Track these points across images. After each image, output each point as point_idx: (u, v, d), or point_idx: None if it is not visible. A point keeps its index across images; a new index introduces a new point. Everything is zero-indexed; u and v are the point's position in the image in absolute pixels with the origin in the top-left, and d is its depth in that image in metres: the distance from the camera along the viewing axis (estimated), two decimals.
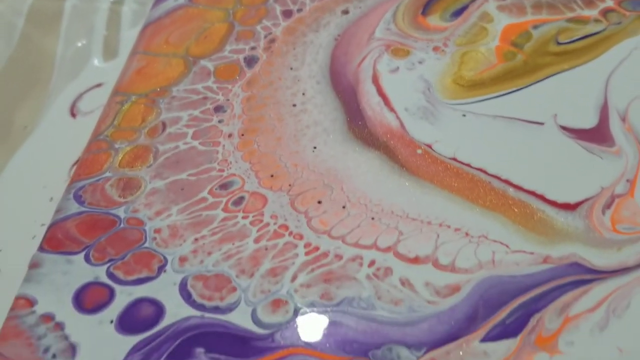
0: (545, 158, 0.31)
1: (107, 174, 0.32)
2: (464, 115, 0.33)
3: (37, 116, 0.43)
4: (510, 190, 0.30)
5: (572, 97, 0.34)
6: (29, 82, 0.45)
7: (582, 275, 0.27)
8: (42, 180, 0.39)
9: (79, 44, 0.47)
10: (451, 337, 0.26)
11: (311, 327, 0.26)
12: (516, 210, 0.29)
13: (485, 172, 0.31)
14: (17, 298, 0.28)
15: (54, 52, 0.47)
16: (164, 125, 0.34)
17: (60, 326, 0.27)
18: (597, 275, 0.27)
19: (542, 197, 0.30)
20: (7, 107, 0.43)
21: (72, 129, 0.42)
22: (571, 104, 0.33)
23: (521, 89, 0.34)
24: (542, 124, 0.33)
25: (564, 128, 0.32)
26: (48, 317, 0.27)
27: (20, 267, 0.35)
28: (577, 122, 0.32)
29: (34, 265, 0.29)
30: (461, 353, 0.25)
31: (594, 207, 0.29)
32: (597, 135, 0.32)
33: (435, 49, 0.36)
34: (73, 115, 0.42)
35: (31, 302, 0.28)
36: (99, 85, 0.44)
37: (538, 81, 0.34)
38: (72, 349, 0.26)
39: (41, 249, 0.30)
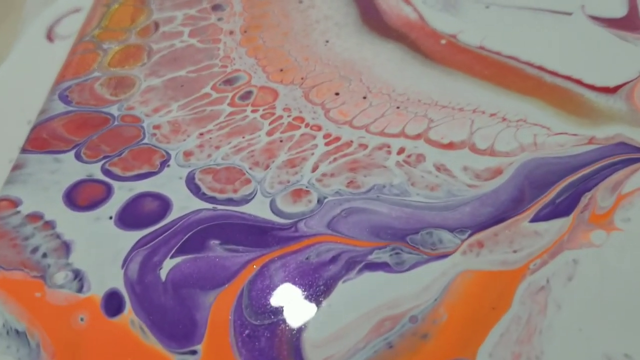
0: (578, 45, 0.29)
1: (96, 74, 0.28)
2: (487, 7, 0.30)
3: (11, 42, 0.39)
4: (546, 75, 0.27)
5: None
6: (1, 8, 0.41)
7: (630, 154, 0.24)
8: (19, 104, 0.35)
9: None
10: (497, 219, 0.23)
11: (339, 214, 0.23)
12: (554, 94, 0.27)
13: (517, 59, 0.28)
14: None
15: None
16: (157, 25, 0.30)
17: (50, 224, 0.23)
18: None
19: (579, 82, 0.27)
20: None
21: (50, 53, 0.38)
22: None
23: None
24: (570, 14, 0.30)
25: (593, 18, 0.30)
26: (35, 217, 0.24)
27: None
28: (606, 12, 0.30)
29: (16, 167, 0.25)
30: (510, 233, 0.22)
31: (635, 90, 0.27)
32: (628, 23, 0.30)
33: None
34: (50, 39, 0.38)
35: (15, 203, 0.24)
36: (76, 10, 0.40)
37: None
38: (66, 246, 0.23)
39: (24, 150, 0.26)
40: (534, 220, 0.23)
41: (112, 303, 0.21)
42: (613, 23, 0.30)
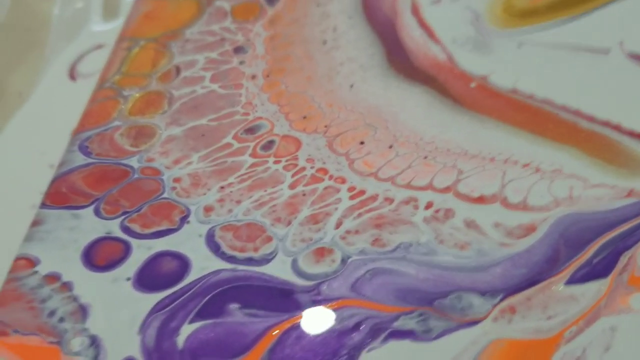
0: (616, 87, 0.27)
1: (116, 123, 0.28)
2: (520, 46, 0.29)
3: (33, 81, 0.39)
4: (582, 121, 0.26)
5: (637, 23, 0.29)
6: (23, 46, 0.41)
7: None
8: (41, 146, 0.35)
9: (77, 6, 0.43)
10: (530, 281, 0.22)
11: (363, 276, 0.22)
12: (591, 142, 0.25)
13: (551, 103, 0.27)
14: (17, 259, 0.24)
15: (49, 15, 0.43)
16: (178, 70, 0.29)
17: (67, 286, 0.23)
18: None
19: (617, 128, 0.26)
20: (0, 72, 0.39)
21: (72, 92, 0.38)
22: (637, 30, 0.29)
23: (579, 15, 0.30)
24: (607, 52, 0.28)
25: (632, 56, 0.28)
26: (53, 277, 0.23)
27: (19, 236, 0.31)
28: None
29: (35, 222, 0.25)
30: (544, 298, 0.21)
31: None
32: None
33: None
34: (72, 77, 0.38)
35: (33, 262, 0.24)
36: (99, 47, 0.40)
37: (597, 8, 0.30)
38: (83, 310, 0.22)
39: (43, 205, 0.25)
40: (570, 282, 0.22)
41: None
42: None
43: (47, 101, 0.36)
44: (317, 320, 0.22)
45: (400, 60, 0.29)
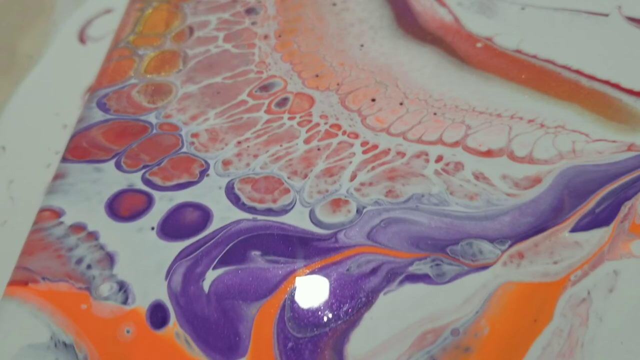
0: (615, 48, 0.28)
1: (133, 81, 0.29)
2: (523, 9, 0.30)
3: (43, 44, 0.39)
4: (583, 80, 0.27)
5: None
6: (31, 10, 0.41)
7: None
8: (54, 107, 0.36)
9: None
10: (537, 229, 0.23)
11: (378, 225, 0.23)
12: (592, 99, 0.26)
13: (553, 63, 0.28)
14: (41, 210, 0.25)
15: None
16: (192, 30, 0.30)
17: (93, 236, 0.24)
18: None
19: (617, 86, 0.27)
20: (9, 37, 0.39)
21: (83, 55, 0.39)
22: None
23: None
24: (606, 15, 0.29)
25: (630, 19, 0.29)
26: (79, 228, 0.24)
27: (35, 197, 0.32)
28: None
29: (58, 176, 0.26)
30: (550, 244, 0.22)
31: None
32: None
33: None
34: (82, 41, 0.39)
35: (58, 213, 0.24)
36: (108, 11, 0.40)
37: None
38: (110, 258, 0.23)
39: (65, 159, 0.26)
40: (574, 230, 0.23)
41: (157, 315, 0.22)
42: None
43: (57, 64, 0.37)
44: (335, 266, 0.23)
45: (408, 21, 0.30)
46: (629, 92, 0.27)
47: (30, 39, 0.41)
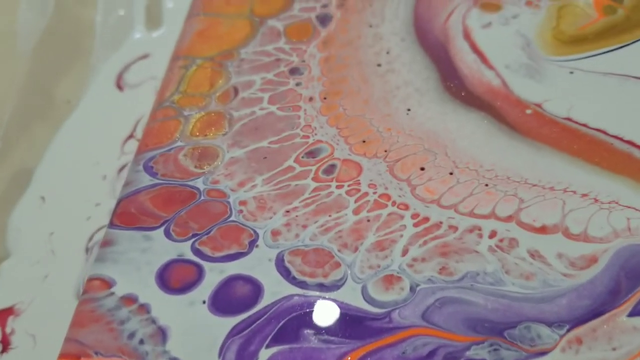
0: None
1: (179, 143, 0.28)
2: (572, 73, 0.29)
3: (81, 89, 0.39)
4: (636, 152, 0.27)
5: None
6: (68, 54, 0.41)
7: None
8: (93, 157, 0.36)
9: (120, 13, 0.43)
10: (594, 312, 0.23)
11: (433, 304, 0.23)
12: None
13: (605, 132, 0.27)
14: (90, 279, 0.25)
15: (92, 22, 0.43)
16: (236, 90, 0.30)
17: (145, 308, 0.24)
18: None
19: None
20: (46, 80, 0.39)
21: (120, 102, 0.39)
22: None
23: (629, 44, 0.31)
24: None
25: None
26: (130, 299, 0.24)
27: (76, 251, 0.32)
28: None
29: (106, 243, 0.26)
30: (608, 329, 0.22)
31: None
32: None
33: (528, 3, 0.33)
34: (120, 87, 0.39)
35: (108, 283, 0.24)
36: (144, 56, 0.41)
37: None
38: (162, 333, 0.23)
39: (112, 225, 0.26)
40: (633, 314, 0.23)
41: None
42: None
43: (95, 110, 0.37)
44: (390, 348, 0.22)
45: (455, 84, 0.30)
46: None
47: (67, 83, 0.41)
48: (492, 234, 0.25)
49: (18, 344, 0.28)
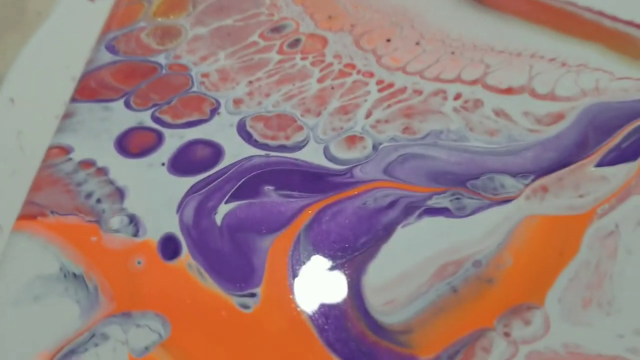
0: None
1: (142, 24, 0.28)
2: None
3: (51, 2, 0.38)
4: (606, 21, 0.26)
5: None
6: None
7: None
8: (63, 61, 0.35)
9: None
10: (561, 163, 0.22)
11: (395, 160, 0.22)
12: (615, 39, 0.26)
13: (575, 5, 0.27)
14: (50, 148, 0.24)
15: None
16: None
17: (103, 171, 0.23)
18: None
19: None
20: None
21: (91, 11, 0.38)
22: None
23: None
24: None
25: None
26: (88, 163, 0.23)
27: (44, 147, 0.31)
28: None
29: (66, 115, 0.25)
30: (575, 178, 0.21)
31: None
32: None
33: None
34: None
35: (66, 150, 0.24)
36: None
37: None
38: (120, 192, 0.22)
39: (73, 99, 0.25)
40: (600, 164, 0.22)
41: (169, 247, 0.21)
42: None
43: (66, 20, 0.36)
44: (351, 200, 0.22)
45: None
46: None
47: None
48: (457, 96, 0.24)
49: None
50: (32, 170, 0.30)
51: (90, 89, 0.26)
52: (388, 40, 0.26)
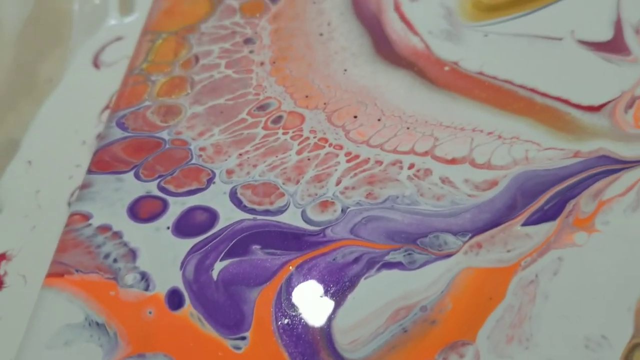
0: (567, 68, 0.33)
1: (147, 103, 0.33)
2: (486, 36, 0.34)
3: (61, 69, 0.43)
4: (537, 97, 0.32)
5: (586, 15, 0.35)
6: (48, 40, 0.46)
7: (611, 166, 0.29)
8: (73, 126, 0.40)
9: (95, 2, 0.48)
10: (493, 223, 0.27)
11: (359, 222, 0.28)
12: (544, 113, 0.31)
13: (511, 83, 0.32)
14: (72, 215, 0.29)
15: (70, 11, 0.47)
16: (197, 58, 0.35)
17: (118, 235, 0.28)
18: (625, 164, 0.29)
19: (567, 102, 0.31)
20: (30, 63, 0.44)
21: (98, 79, 0.43)
22: (586, 20, 0.35)
23: (538, 9, 0.36)
24: (560, 39, 0.34)
25: (581, 42, 0.34)
26: (105, 228, 0.28)
27: (59, 205, 0.36)
28: (594, 36, 0.34)
29: (84, 186, 0.30)
30: (504, 236, 0.27)
31: (617, 108, 0.31)
32: (613, 46, 0.34)
33: None
34: (96, 66, 0.43)
35: (86, 217, 0.29)
36: (118, 39, 0.45)
37: (552, 3, 0.36)
38: (132, 253, 0.27)
39: (90, 171, 0.31)
40: (525, 224, 0.27)
41: (174, 299, 0.26)
42: (599, 46, 0.34)
43: (75, 87, 0.41)
44: (323, 257, 0.27)
45: (385, 49, 0.35)
46: (577, 106, 0.31)
47: (48, 64, 0.45)
48: (411, 166, 0.30)
49: (10, 283, 0.33)
50: (50, 227, 0.35)
51: (104, 162, 0.31)
52: (355, 117, 0.32)
